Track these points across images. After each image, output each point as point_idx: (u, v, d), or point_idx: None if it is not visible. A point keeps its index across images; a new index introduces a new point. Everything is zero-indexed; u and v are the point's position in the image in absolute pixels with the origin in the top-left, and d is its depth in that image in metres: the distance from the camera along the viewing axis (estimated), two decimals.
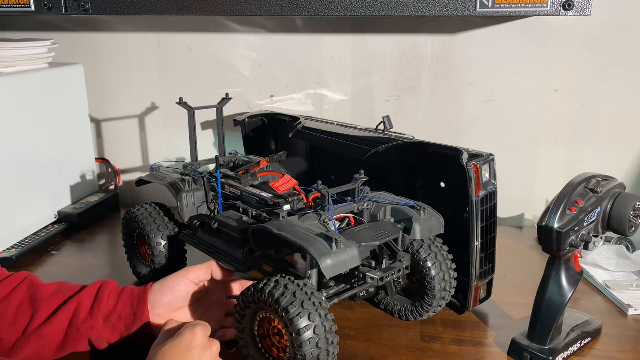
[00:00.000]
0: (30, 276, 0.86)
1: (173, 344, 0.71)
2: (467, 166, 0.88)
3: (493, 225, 0.93)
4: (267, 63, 1.42)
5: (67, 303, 0.81)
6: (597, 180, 0.83)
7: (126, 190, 1.56)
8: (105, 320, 0.80)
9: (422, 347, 0.88)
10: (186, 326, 0.74)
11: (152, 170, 1.12)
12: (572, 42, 1.27)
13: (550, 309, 0.83)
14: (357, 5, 1.10)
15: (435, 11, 1.08)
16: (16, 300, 0.80)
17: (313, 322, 0.72)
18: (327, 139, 1.12)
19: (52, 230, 1.29)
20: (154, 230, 1.01)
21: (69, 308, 0.80)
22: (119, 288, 0.85)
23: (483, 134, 1.36)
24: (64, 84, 1.36)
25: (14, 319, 0.79)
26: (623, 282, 1.06)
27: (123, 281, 1.08)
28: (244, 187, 0.98)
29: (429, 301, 0.91)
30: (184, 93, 1.11)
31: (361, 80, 1.39)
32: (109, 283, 0.86)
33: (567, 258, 0.82)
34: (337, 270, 0.75)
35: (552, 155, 1.36)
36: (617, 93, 1.29)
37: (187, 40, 1.43)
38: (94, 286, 0.84)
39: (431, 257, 0.89)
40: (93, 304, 0.81)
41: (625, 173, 1.33)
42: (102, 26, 1.45)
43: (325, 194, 0.85)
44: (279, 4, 1.14)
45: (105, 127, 1.54)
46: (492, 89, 1.33)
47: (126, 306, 0.82)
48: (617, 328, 0.94)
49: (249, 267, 0.91)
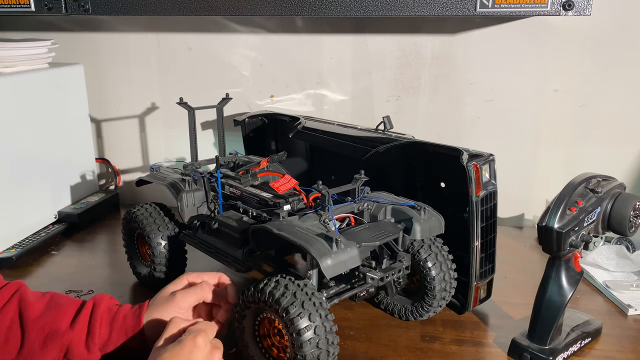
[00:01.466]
0: (20, 289, 0.81)
1: (173, 352, 0.69)
2: (467, 166, 0.88)
3: (493, 225, 0.93)
4: (267, 63, 1.42)
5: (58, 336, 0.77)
6: (597, 180, 0.83)
7: (126, 190, 1.56)
8: (101, 349, 0.79)
9: (422, 347, 0.88)
10: (188, 332, 0.72)
11: (152, 170, 1.12)
12: (572, 42, 1.27)
13: (550, 309, 0.83)
14: (357, 5, 1.10)
15: (435, 11, 1.08)
16: (6, 319, 0.78)
17: (313, 322, 0.72)
18: (327, 139, 1.12)
19: (52, 230, 1.29)
20: (154, 230, 1.01)
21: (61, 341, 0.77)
22: (111, 312, 0.81)
23: (483, 134, 1.36)
24: (64, 84, 1.36)
25: (6, 339, 0.77)
26: (623, 282, 1.06)
27: (123, 281, 1.08)
28: (244, 187, 0.98)
29: (429, 301, 0.91)
30: (184, 93, 1.11)
31: (361, 80, 1.39)
32: (99, 306, 0.81)
33: (567, 258, 0.82)
34: (337, 270, 0.75)
35: (552, 155, 1.36)
36: (617, 93, 1.29)
37: (187, 40, 1.43)
38: (84, 315, 0.79)
39: (431, 257, 0.89)
40: (87, 337, 0.78)
41: (625, 173, 1.33)
42: (102, 26, 1.45)
43: (326, 194, 0.85)
44: (279, 4, 1.14)
45: (105, 127, 1.54)
46: (492, 89, 1.33)
47: (120, 336, 0.79)
48: (617, 328, 0.94)
49: (249, 267, 0.91)
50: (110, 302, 0.83)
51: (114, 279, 1.10)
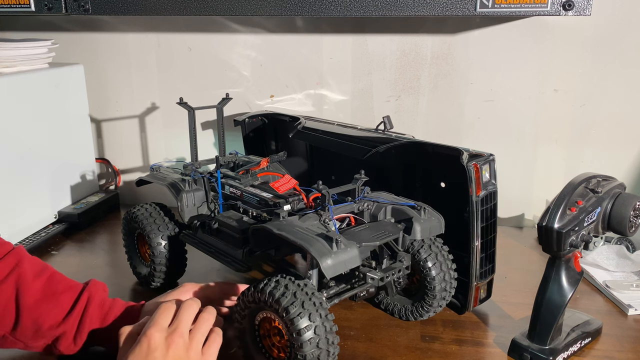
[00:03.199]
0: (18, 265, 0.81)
1: (133, 354, 0.68)
2: (467, 166, 0.88)
3: (493, 225, 0.93)
4: (267, 63, 1.42)
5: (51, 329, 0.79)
6: (597, 180, 0.83)
7: (126, 190, 1.56)
8: (88, 343, 0.81)
9: (422, 347, 0.88)
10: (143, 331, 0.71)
11: (152, 170, 1.12)
12: (572, 42, 1.27)
13: (550, 309, 0.83)
14: (357, 5, 1.11)
15: (435, 11, 1.08)
16: (3, 298, 0.78)
17: (313, 322, 0.72)
18: (327, 139, 1.12)
19: (52, 230, 1.29)
20: (154, 230, 1.01)
21: (53, 333, 0.79)
22: (103, 308, 0.83)
23: (483, 134, 1.36)
24: (64, 84, 1.36)
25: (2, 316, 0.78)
26: (623, 282, 1.06)
27: (123, 281, 1.08)
28: (244, 187, 0.98)
29: (429, 301, 0.91)
30: (184, 93, 1.11)
31: (361, 80, 1.39)
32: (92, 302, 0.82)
33: (567, 258, 0.82)
34: (338, 270, 0.75)
35: (551, 156, 1.36)
36: (616, 93, 1.29)
37: (187, 40, 1.43)
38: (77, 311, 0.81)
39: (431, 257, 0.89)
40: (76, 333, 0.80)
41: (625, 173, 1.33)
42: (102, 26, 1.45)
43: (326, 194, 0.85)
44: (279, 4, 1.14)
45: (105, 127, 1.54)
46: (492, 89, 1.33)
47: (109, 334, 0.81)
48: (617, 328, 0.94)
49: (249, 267, 0.91)
50: (103, 294, 0.85)
51: (114, 279, 1.10)
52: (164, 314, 0.72)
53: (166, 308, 0.73)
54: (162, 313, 0.72)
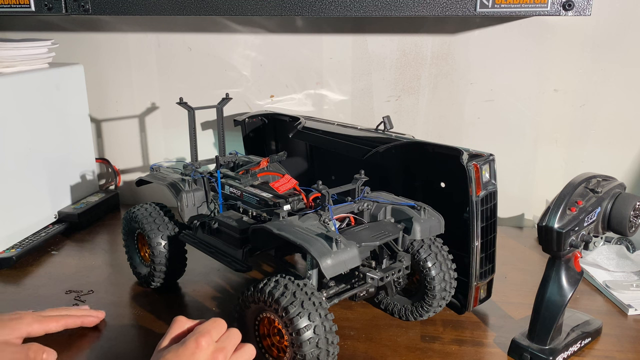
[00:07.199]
0: None
1: (176, 353, 0.68)
2: (467, 166, 0.88)
3: (493, 225, 0.93)
4: (267, 63, 1.42)
5: None
6: (597, 180, 0.83)
7: (126, 190, 1.56)
8: None
9: (422, 347, 0.88)
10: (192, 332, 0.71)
11: (152, 170, 1.12)
12: (572, 42, 1.27)
13: (550, 309, 0.83)
14: (357, 5, 1.11)
15: (435, 11, 1.08)
16: None
17: (313, 322, 0.72)
18: (327, 139, 1.12)
19: (52, 230, 1.29)
20: (154, 230, 1.01)
21: None
22: None
23: (483, 134, 1.36)
24: (64, 84, 1.36)
25: None
26: (623, 282, 1.06)
27: (123, 281, 1.08)
28: (244, 187, 0.98)
29: (429, 301, 0.91)
30: (184, 93, 1.11)
31: (361, 80, 1.39)
32: None
33: (567, 258, 0.82)
34: (337, 270, 0.75)
35: (551, 155, 1.36)
36: (616, 93, 1.29)
37: (187, 40, 1.43)
38: None
39: (431, 257, 0.89)
40: None
41: (625, 173, 1.33)
42: (102, 26, 1.45)
43: (325, 194, 0.85)
44: (279, 4, 1.14)
45: (105, 127, 1.54)
46: (491, 89, 1.33)
47: None
48: (617, 328, 0.94)
49: (249, 267, 0.91)
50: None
51: (114, 279, 1.10)
52: (217, 329, 0.72)
53: (219, 323, 0.73)
54: (215, 327, 0.72)
